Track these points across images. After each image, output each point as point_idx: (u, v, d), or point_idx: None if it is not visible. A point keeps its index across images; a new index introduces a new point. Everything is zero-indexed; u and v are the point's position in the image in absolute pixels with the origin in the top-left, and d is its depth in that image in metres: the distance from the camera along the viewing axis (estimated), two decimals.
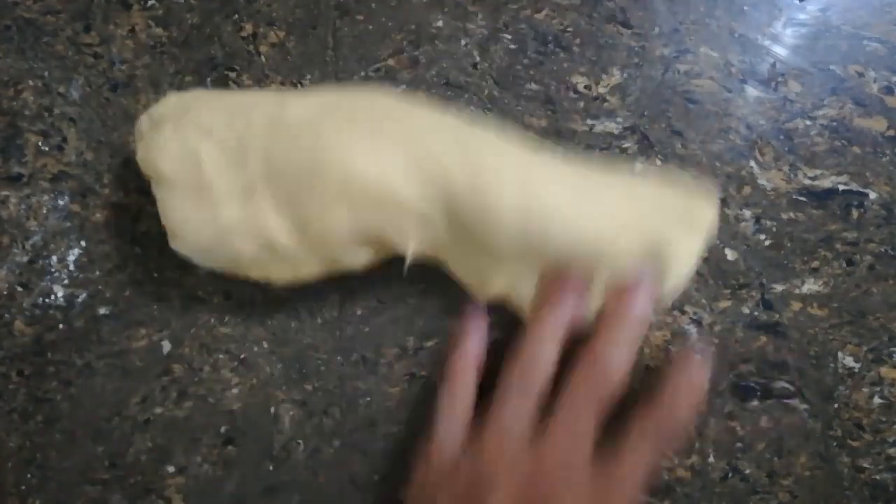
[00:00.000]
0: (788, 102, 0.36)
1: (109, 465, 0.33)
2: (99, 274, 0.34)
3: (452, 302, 0.32)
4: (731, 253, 0.35)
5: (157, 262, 0.34)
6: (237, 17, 0.36)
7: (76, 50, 0.35)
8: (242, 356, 0.34)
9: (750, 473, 0.34)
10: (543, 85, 0.36)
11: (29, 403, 0.34)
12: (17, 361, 0.34)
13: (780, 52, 0.36)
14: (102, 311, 0.34)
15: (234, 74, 0.35)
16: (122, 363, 0.34)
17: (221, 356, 0.34)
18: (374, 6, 0.36)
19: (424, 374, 0.34)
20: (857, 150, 0.36)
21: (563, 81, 0.36)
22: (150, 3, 0.35)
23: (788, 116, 0.36)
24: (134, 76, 0.35)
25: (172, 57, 0.35)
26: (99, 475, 0.33)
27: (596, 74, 0.36)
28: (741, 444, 0.34)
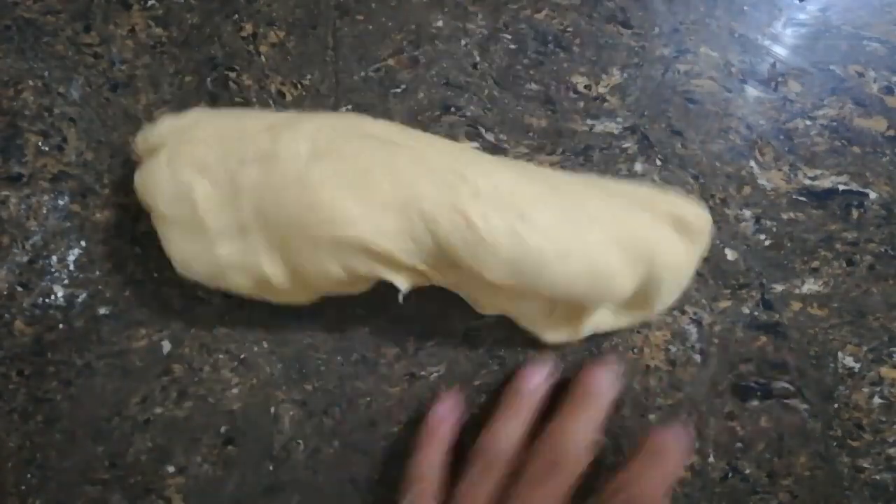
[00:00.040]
0: (788, 102, 0.36)
1: (109, 465, 0.33)
2: (99, 274, 0.34)
3: (452, 301, 0.32)
4: (731, 253, 0.35)
5: (157, 262, 0.34)
6: (237, 17, 0.36)
7: (76, 50, 0.35)
8: (242, 356, 0.34)
9: (750, 473, 0.34)
10: (543, 85, 0.36)
11: (29, 403, 0.34)
12: (17, 361, 0.34)
13: (780, 52, 0.36)
14: (102, 311, 0.34)
15: (234, 74, 0.35)
16: (122, 363, 0.34)
17: (221, 356, 0.34)
18: (374, 6, 0.36)
19: (424, 373, 0.34)
20: (857, 150, 0.36)
21: (563, 81, 0.36)
22: (150, 3, 0.35)
23: (788, 116, 0.36)
24: (134, 76, 0.35)
25: (172, 57, 0.35)
26: (99, 475, 0.33)
27: (596, 74, 0.36)
28: (741, 444, 0.34)
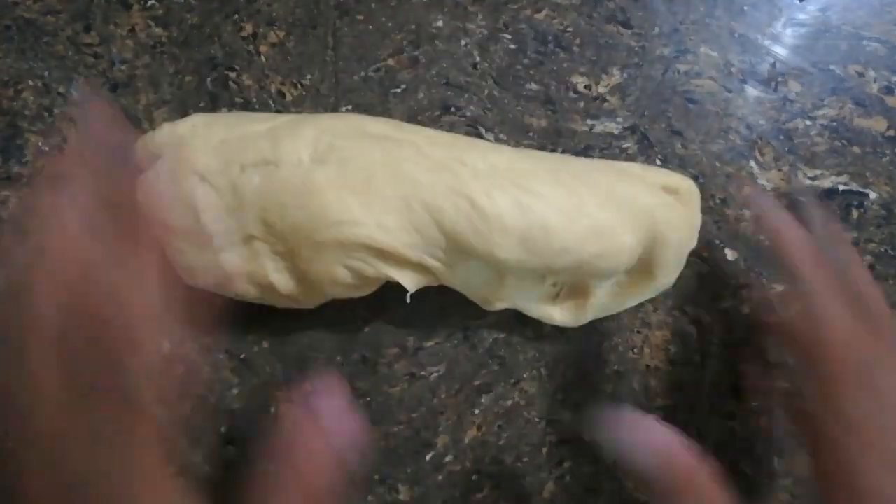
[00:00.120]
0: (788, 102, 0.36)
1: None
2: None
3: (453, 301, 0.32)
4: (730, 253, 0.35)
5: None
6: (237, 17, 0.36)
7: (76, 50, 0.35)
8: (242, 356, 0.34)
9: (750, 473, 0.34)
10: (543, 85, 0.36)
11: None
12: None
13: (780, 52, 0.36)
14: None
15: (234, 74, 0.35)
16: None
17: (221, 356, 0.34)
18: (374, 6, 0.36)
19: (424, 374, 0.34)
20: (857, 150, 0.36)
21: (563, 81, 0.36)
22: (150, 3, 0.35)
23: (788, 116, 0.36)
24: (134, 76, 0.35)
25: (172, 57, 0.35)
26: None
27: (596, 74, 0.36)
28: (741, 444, 0.34)
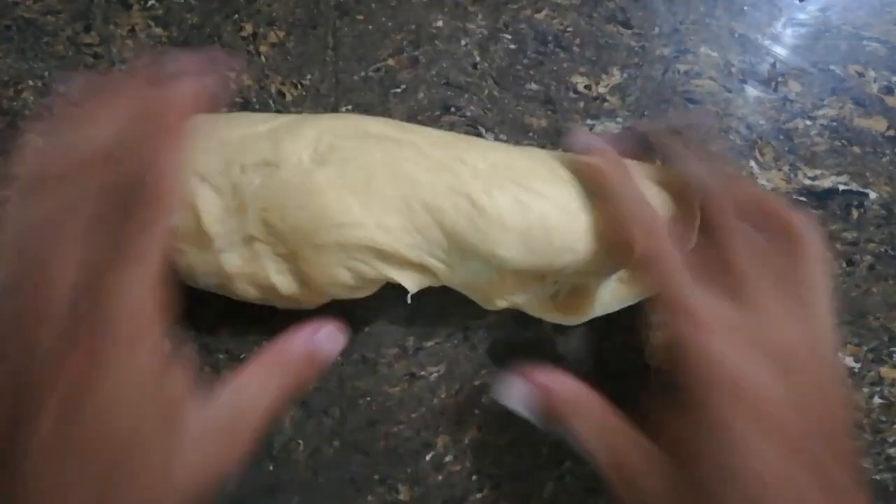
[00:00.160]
0: (788, 102, 0.36)
1: None
2: None
3: (453, 301, 0.32)
4: None
5: None
6: (237, 17, 0.36)
7: (76, 50, 0.35)
8: (242, 356, 0.34)
9: None
10: (543, 85, 0.36)
11: None
12: None
13: (780, 52, 0.36)
14: None
15: (233, 74, 0.35)
16: None
17: (221, 356, 0.34)
18: (374, 6, 0.36)
19: (424, 374, 0.34)
20: (857, 150, 0.36)
21: (563, 81, 0.36)
22: (150, 3, 0.35)
23: (788, 116, 0.36)
24: None
25: None
26: None
27: (596, 74, 0.36)
28: None
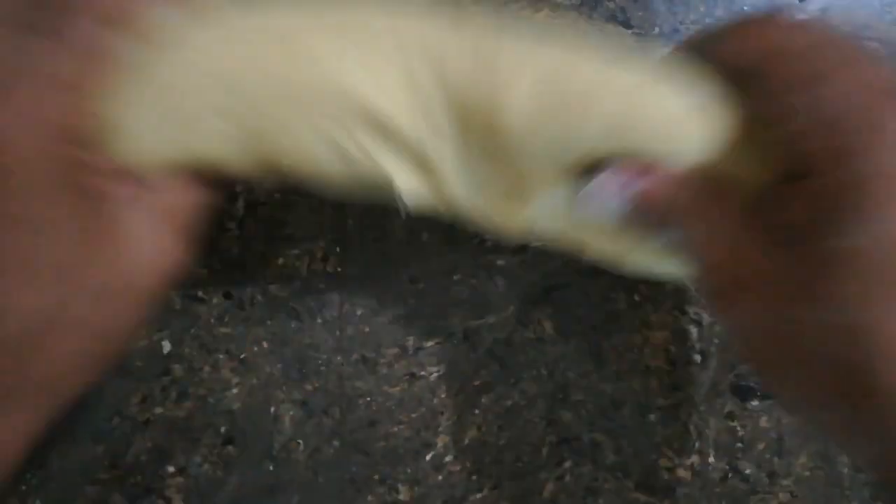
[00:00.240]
0: None
1: (109, 465, 0.33)
2: None
3: (453, 301, 0.32)
4: None
5: None
6: None
7: None
8: (242, 356, 0.34)
9: (750, 473, 0.34)
10: None
11: None
12: None
13: None
14: None
15: None
16: (122, 363, 0.34)
17: (221, 356, 0.34)
18: None
19: (424, 374, 0.34)
20: None
21: None
22: None
23: None
24: None
25: None
26: (99, 475, 0.33)
27: None
28: (741, 444, 0.34)
